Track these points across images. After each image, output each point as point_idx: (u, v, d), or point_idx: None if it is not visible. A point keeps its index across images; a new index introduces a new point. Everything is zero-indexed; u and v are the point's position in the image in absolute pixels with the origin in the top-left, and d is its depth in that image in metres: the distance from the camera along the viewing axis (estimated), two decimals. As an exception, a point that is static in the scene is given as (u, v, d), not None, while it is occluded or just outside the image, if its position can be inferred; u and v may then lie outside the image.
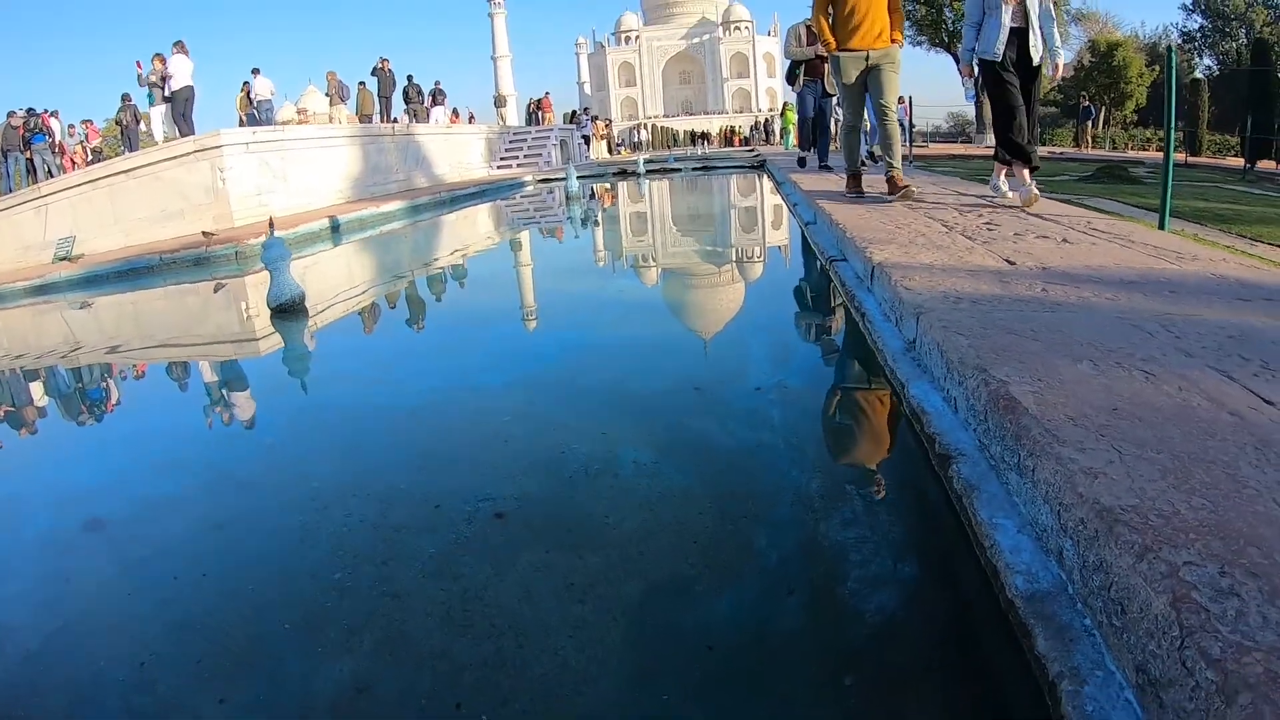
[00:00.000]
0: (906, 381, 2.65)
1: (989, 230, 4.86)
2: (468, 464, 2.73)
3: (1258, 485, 1.43)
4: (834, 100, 11.15)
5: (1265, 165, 17.44)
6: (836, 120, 12.79)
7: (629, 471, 2.52)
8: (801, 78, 10.90)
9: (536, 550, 2.03)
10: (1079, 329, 2.51)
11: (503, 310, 5.66)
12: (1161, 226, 5.22)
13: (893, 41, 6.34)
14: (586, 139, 30.52)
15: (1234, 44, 46.44)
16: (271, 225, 5.69)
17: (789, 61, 11.01)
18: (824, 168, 11.34)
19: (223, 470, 2.94)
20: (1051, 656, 1.28)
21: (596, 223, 10.93)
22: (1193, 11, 48.88)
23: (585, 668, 1.56)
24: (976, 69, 5.94)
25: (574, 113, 32.18)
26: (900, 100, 9.41)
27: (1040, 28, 5.65)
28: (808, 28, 10.11)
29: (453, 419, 3.27)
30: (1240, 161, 18.51)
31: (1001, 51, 5.64)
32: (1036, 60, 5.68)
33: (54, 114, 18.46)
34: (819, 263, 5.56)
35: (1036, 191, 5.91)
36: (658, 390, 3.37)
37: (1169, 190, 5.53)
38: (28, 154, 16.99)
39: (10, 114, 17.09)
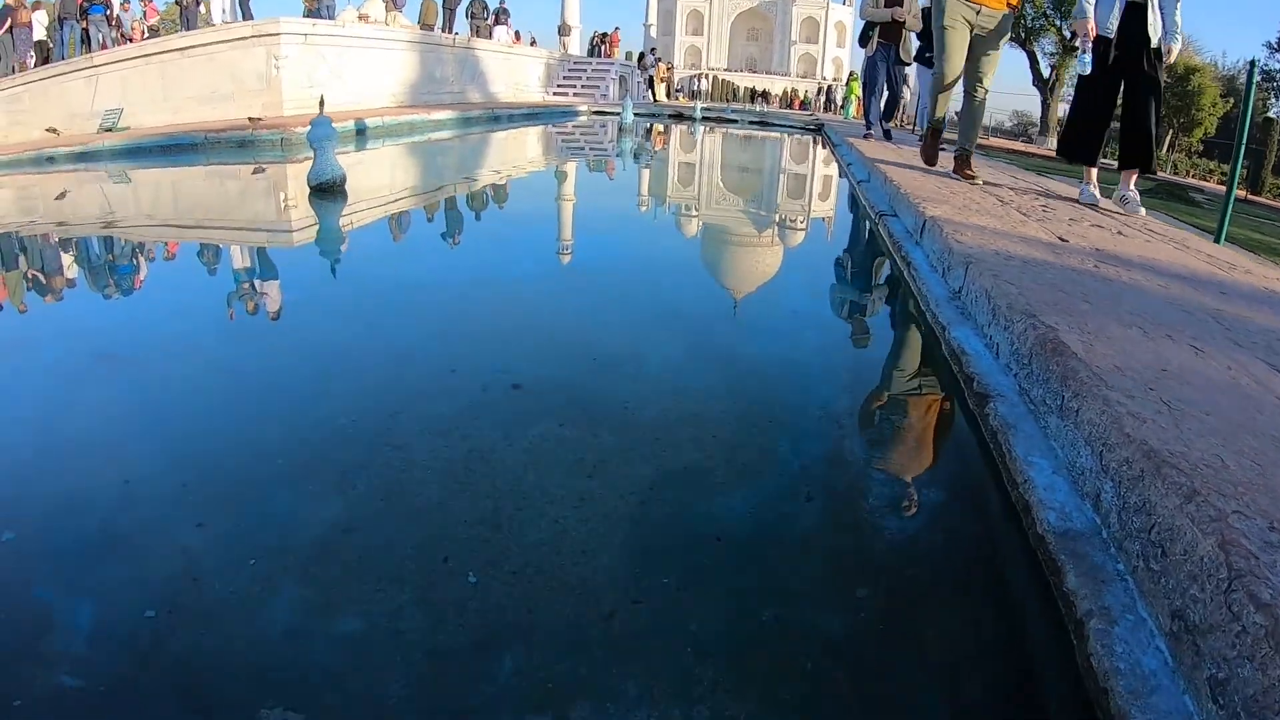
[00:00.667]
0: (948, 325, 2.57)
1: (1044, 211, 4.74)
2: (490, 341, 2.71)
3: (1309, 461, 1.35)
4: (906, 69, 10.51)
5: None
6: (900, 94, 11.77)
7: (655, 369, 2.48)
8: (875, 41, 9.96)
9: (549, 423, 1.98)
10: (1129, 301, 2.43)
11: (544, 216, 5.59)
12: (1217, 241, 5.05)
13: (1010, 7, 5.43)
14: (651, 80, 29.91)
15: (1315, 90, 44.87)
16: (322, 104, 5.60)
17: (863, 23, 10.20)
18: (887, 134, 10.81)
19: (244, 326, 2.92)
20: (1081, 594, 1.21)
21: (649, 156, 10.75)
22: (1277, 50, 47.14)
23: (585, 540, 1.50)
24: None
25: (642, 54, 31.54)
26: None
27: (1161, 5, 4.63)
28: None
29: (481, 303, 3.23)
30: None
31: (1115, 28, 4.69)
32: (1155, 41, 4.63)
33: (112, -14, 18.21)
34: (869, 217, 5.45)
35: (1101, 197, 5.19)
36: (694, 310, 3.33)
37: (1230, 205, 5.34)
38: (84, 24, 16.78)
39: None
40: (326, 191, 5.28)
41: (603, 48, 30.83)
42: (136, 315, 3.14)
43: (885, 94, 10.59)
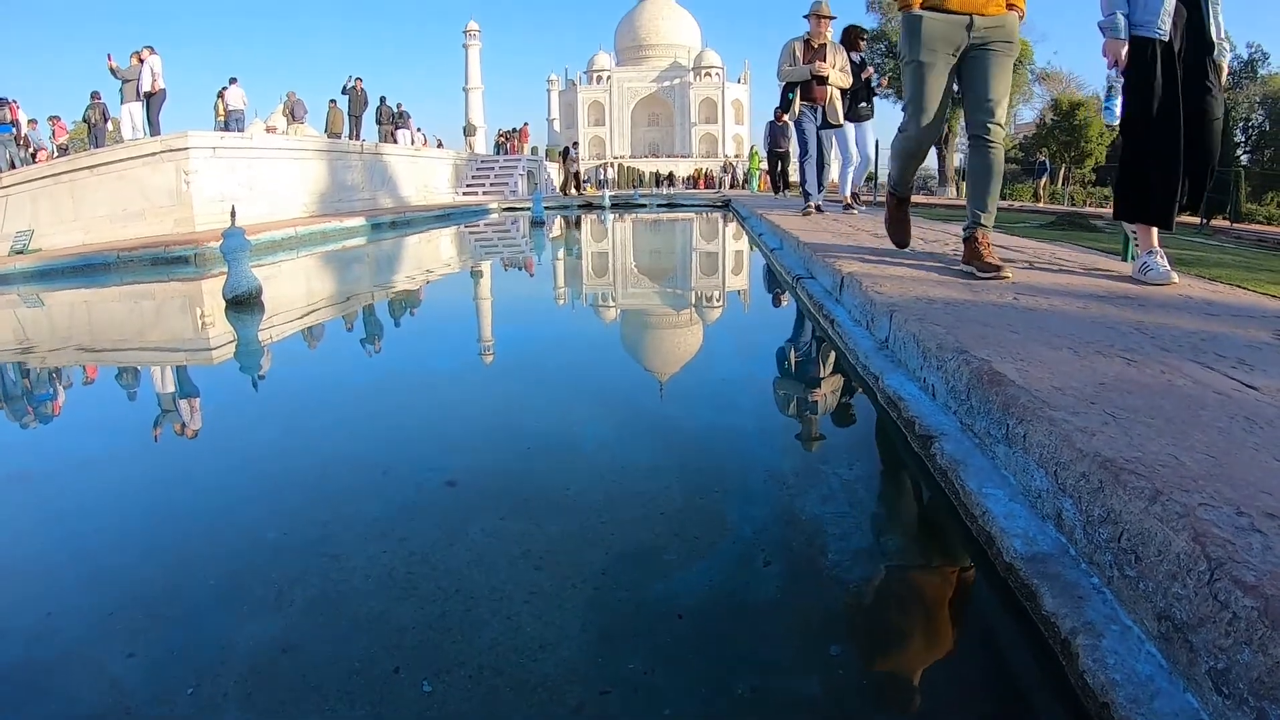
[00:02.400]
0: (880, 374, 2.57)
1: (955, 255, 4.86)
2: (421, 442, 2.63)
3: (1255, 445, 1.37)
4: (836, 132, 9.06)
5: (1219, 223, 17.87)
6: (827, 162, 9.48)
7: (591, 456, 2.42)
8: (798, 104, 8.65)
9: (489, 517, 1.90)
10: (1054, 325, 2.47)
11: (464, 317, 5.53)
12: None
13: (1010, 8, 3.79)
14: (577, 175, 30.01)
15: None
16: (234, 216, 5.53)
17: (781, 85, 8.85)
18: (818, 209, 9.18)
19: (165, 446, 2.79)
20: (1062, 614, 1.18)
21: (563, 248, 10.82)
22: None
23: (541, 634, 1.42)
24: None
25: (565, 148, 32.03)
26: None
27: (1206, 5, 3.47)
28: (805, 42, 8.42)
29: (407, 405, 3.14)
30: (1195, 220, 18.97)
31: (1168, 29, 3.42)
32: (1216, 49, 3.47)
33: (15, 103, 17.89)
34: (786, 283, 5.53)
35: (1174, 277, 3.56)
36: (623, 394, 3.30)
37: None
38: None
39: None
40: (243, 304, 5.20)
41: (509, 144, 31.33)
42: (54, 440, 3.01)
43: (817, 159, 9.10)
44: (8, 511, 2.18)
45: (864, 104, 9.49)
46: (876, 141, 10.84)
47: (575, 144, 34.89)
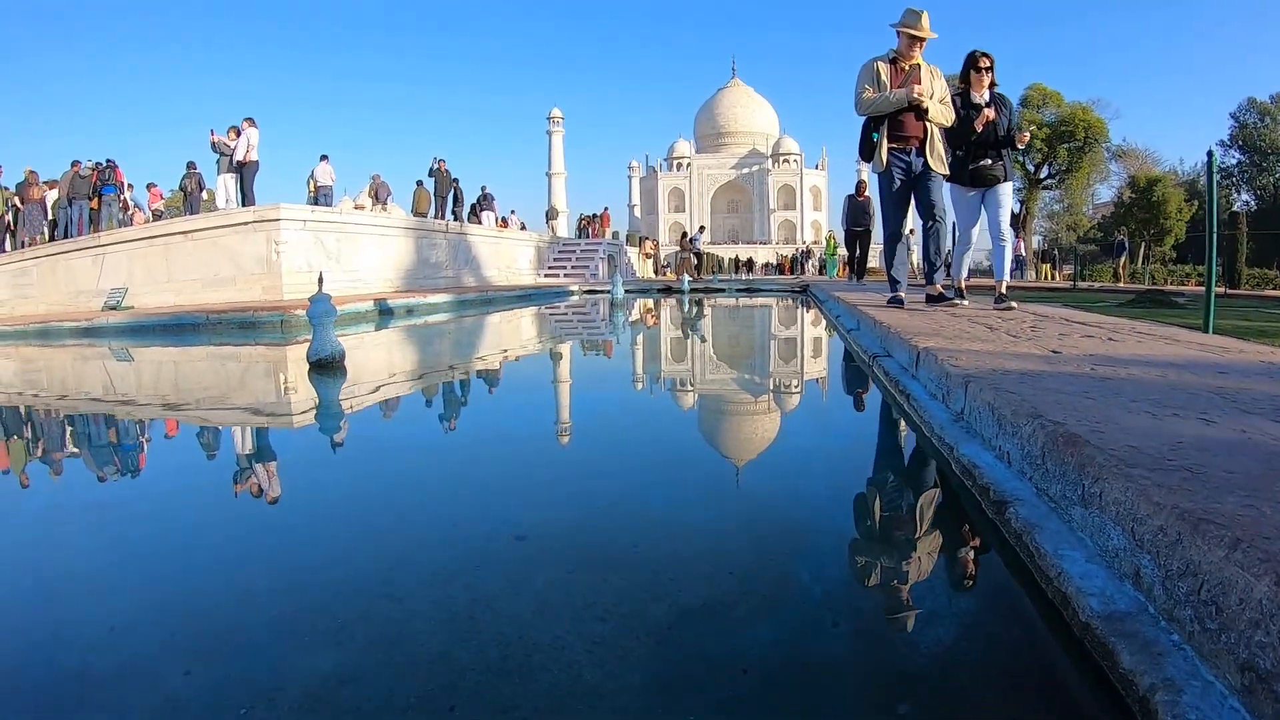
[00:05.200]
0: (955, 444, 2.53)
1: (1033, 330, 4.79)
2: (490, 496, 2.68)
3: (1344, 496, 1.30)
4: (942, 182, 6.47)
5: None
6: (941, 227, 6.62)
7: (663, 512, 2.44)
8: (884, 149, 6.26)
9: (557, 570, 1.91)
10: (1131, 391, 2.43)
11: (542, 392, 5.60)
12: (1206, 331, 5.09)
13: None
14: (699, 255, 29.62)
15: (1271, 178, 47.03)
16: (321, 282, 5.79)
17: (863, 121, 6.47)
18: (932, 299, 6.89)
19: (244, 488, 2.92)
20: (1140, 670, 1.13)
21: (642, 330, 10.88)
22: (1230, 147, 49.74)
23: (601, 682, 1.41)
24: None
25: (684, 234, 32.16)
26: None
27: None
28: (892, 62, 6.26)
29: (478, 459, 3.25)
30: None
31: None
32: None
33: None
34: (862, 362, 5.49)
35: None
36: (698, 453, 3.37)
37: (1212, 293, 5.41)
38: (94, 203, 17.35)
39: (74, 163, 17.55)
40: (326, 367, 5.44)
41: (590, 229, 32.03)
42: (140, 479, 3.19)
43: (914, 229, 6.72)
44: (89, 541, 2.32)
45: (988, 160, 6.32)
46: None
47: (703, 228, 35.16)
